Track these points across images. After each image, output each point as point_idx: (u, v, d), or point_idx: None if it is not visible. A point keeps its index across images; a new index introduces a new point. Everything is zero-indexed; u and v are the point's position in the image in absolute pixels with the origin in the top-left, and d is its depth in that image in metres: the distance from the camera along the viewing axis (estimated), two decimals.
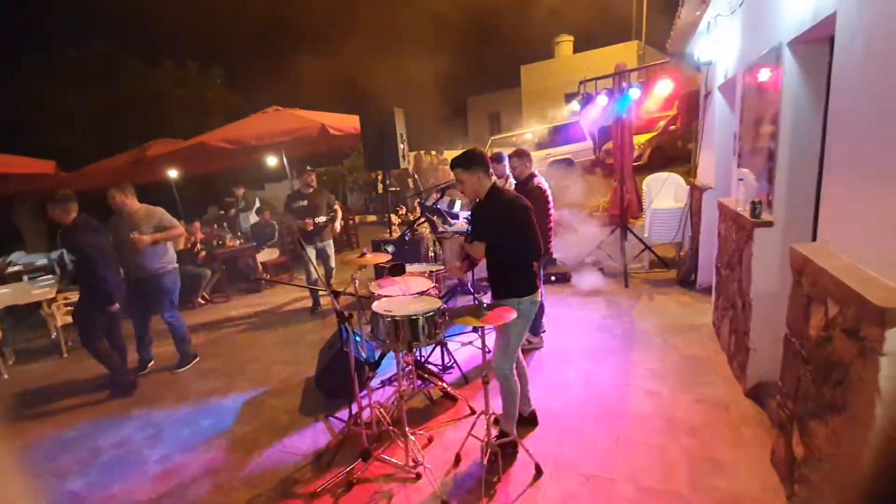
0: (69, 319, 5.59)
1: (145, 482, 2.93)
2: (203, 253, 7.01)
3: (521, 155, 4.04)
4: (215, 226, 8.63)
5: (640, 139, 11.55)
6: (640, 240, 6.12)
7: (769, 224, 2.92)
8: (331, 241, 5.99)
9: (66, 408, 4.05)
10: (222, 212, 9.54)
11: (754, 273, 3.03)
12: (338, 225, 6.11)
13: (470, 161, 2.63)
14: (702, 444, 2.73)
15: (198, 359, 4.74)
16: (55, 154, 8.39)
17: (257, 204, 9.47)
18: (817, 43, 2.50)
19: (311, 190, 5.81)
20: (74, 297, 5.60)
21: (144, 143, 8.51)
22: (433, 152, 13.32)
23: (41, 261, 7.07)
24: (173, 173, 8.30)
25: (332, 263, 6.04)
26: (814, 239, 2.33)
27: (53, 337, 5.67)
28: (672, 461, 2.61)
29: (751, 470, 2.47)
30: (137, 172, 8.01)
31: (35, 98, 13.10)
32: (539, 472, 2.60)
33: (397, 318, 2.50)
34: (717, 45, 4.48)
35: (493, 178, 2.76)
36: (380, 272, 4.19)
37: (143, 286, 4.36)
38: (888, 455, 1.49)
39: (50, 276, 6.24)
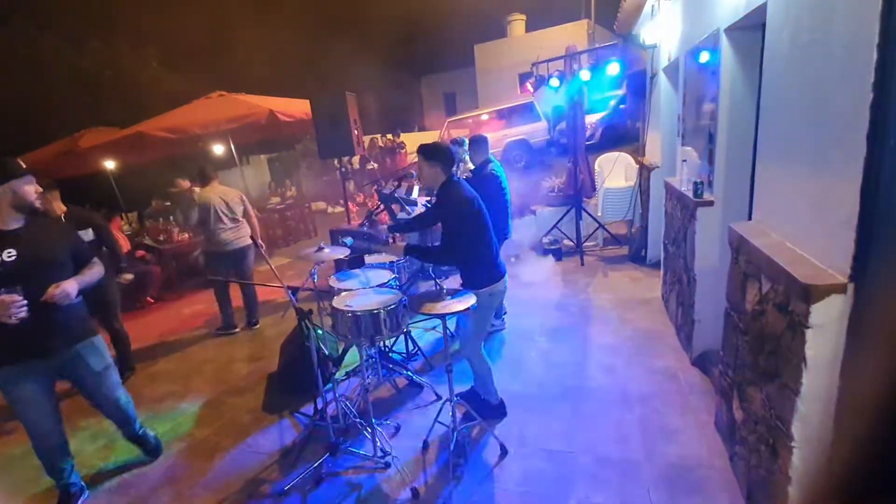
0: None
1: (99, 498, 2.80)
2: (141, 251, 6.62)
3: (477, 141, 4.05)
4: (161, 219, 8.13)
5: (591, 118, 11.80)
6: (595, 218, 6.32)
7: (710, 203, 3.08)
8: (109, 364, 2.61)
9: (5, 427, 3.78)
10: (168, 203, 8.98)
11: (698, 249, 3.20)
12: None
13: (433, 153, 2.69)
14: (654, 413, 2.91)
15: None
16: None
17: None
18: (752, 30, 2.62)
19: (28, 224, 2.31)
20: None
21: (75, 133, 7.87)
22: (389, 135, 13.06)
23: None
24: (110, 164, 7.74)
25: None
26: (749, 218, 2.48)
27: None
28: (627, 431, 2.78)
29: (698, 434, 2.67)
30: (70, 164, 7.42)
31: None
32: (504, 451, 2.69)
33: (358, 314, 2.49)
34: (661, 28, 4.60)
35: (457, 169, 2.83)
36: (339, 266, 4.11)
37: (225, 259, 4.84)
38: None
39: None
